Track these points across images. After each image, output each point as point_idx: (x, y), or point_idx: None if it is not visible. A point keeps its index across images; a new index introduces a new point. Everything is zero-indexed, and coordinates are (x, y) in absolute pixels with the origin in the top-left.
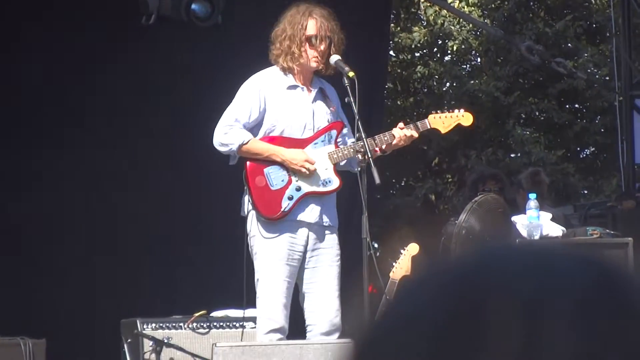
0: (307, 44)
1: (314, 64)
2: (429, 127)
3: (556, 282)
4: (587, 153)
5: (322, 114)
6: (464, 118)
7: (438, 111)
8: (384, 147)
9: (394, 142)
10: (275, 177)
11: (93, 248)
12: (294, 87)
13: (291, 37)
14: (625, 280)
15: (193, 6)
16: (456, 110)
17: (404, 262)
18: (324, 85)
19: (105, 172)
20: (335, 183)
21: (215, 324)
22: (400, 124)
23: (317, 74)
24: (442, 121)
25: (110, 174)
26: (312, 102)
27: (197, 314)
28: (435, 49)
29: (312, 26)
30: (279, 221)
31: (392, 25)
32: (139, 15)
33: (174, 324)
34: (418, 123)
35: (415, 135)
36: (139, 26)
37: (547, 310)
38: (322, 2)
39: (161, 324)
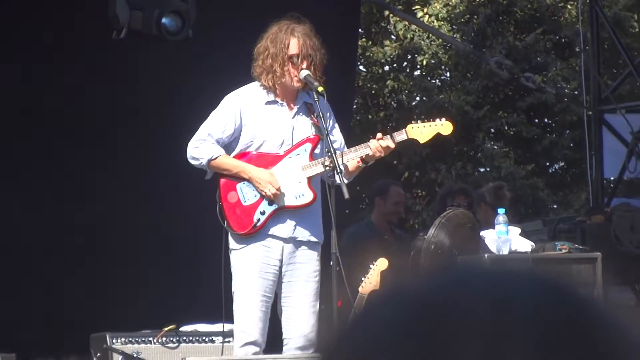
0: (290, 63)
1: (296, 84)
2: (406, 138)
3: (514, 306)
4: (557, 168)
5: (304, 129)
6: (444, 127)
7: (419, 121)
8: (360, 159)
9: (370, 153)
10: (247, 192)
11: (62, 262)
12: (272, 102)
13: (273, 56)
14: (585, 307)
15: (163, 20)
16: (437, 120)
17: (372, 277)
18: (311, 100)
19: (74, 186)
20: (308, 197)
21: (184, 338)
22: (379, 135)
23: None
24: (421, 131)
25: (79, 188)
26: (293, 118)
27: (166, 329)
28: (405, 63)
29: (294, 45)
30: (250, 236)
31: (362, 40)
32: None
33: (143, 339)
34: (395, 134)
35: (392, 145)
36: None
37: (505, 332)
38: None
39: (130, 339)
